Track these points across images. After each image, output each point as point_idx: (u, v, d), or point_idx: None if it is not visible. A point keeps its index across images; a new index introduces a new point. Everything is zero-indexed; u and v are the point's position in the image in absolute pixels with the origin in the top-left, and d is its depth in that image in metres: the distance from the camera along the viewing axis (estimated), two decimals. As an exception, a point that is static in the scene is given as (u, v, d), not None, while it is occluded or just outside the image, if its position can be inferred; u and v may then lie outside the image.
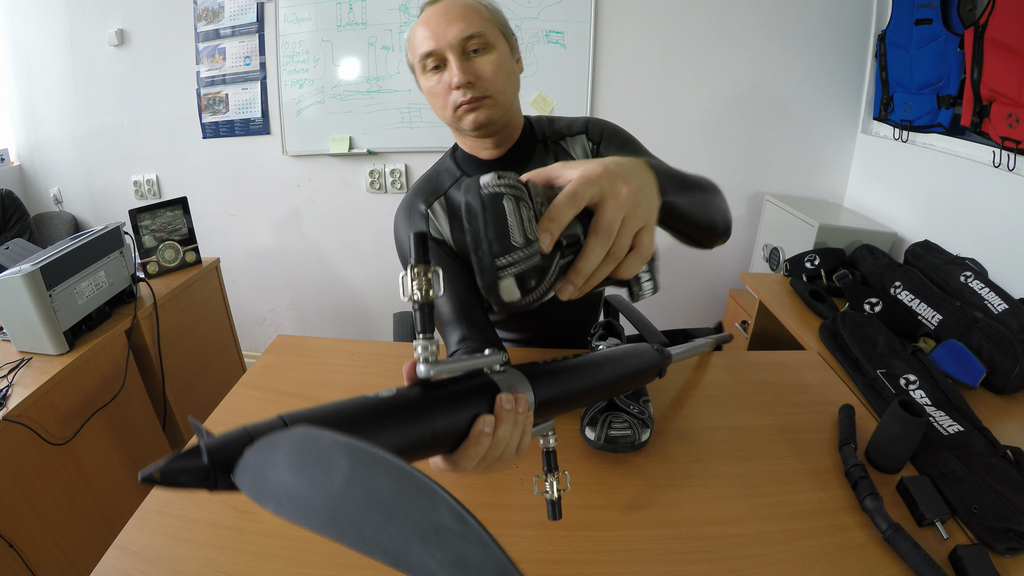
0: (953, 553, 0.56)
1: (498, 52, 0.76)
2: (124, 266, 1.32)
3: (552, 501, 0.50)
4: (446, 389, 0.39)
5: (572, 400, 0.50)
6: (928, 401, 0.88)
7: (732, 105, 2.00)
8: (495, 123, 0.78)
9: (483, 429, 0.38)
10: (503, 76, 0.76)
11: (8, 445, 0.98)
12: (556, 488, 0.50)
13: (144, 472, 0.26)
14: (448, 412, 0.37)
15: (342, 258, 2.38)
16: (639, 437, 0.68)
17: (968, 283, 1.22)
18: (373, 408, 0.34)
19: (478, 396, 0.40)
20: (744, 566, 0.55)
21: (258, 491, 0.25)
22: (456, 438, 0.38)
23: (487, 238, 0.37)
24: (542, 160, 0.87)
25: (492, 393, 0.40)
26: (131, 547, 0.58)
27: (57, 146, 2.39)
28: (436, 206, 0.86)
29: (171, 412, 1.47)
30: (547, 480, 0.50)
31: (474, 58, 0.74)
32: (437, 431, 0.36)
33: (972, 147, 1.47)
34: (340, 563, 0.55)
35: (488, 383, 0.41)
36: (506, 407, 0.39)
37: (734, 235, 0.71)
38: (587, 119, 0.90)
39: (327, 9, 2.00)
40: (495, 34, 0.76)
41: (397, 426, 0.34)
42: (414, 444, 0.35)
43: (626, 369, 0.57)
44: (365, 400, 0.34)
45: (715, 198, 0.68)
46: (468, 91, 0.74)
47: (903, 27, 1.65)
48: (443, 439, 0.37)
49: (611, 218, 0.41)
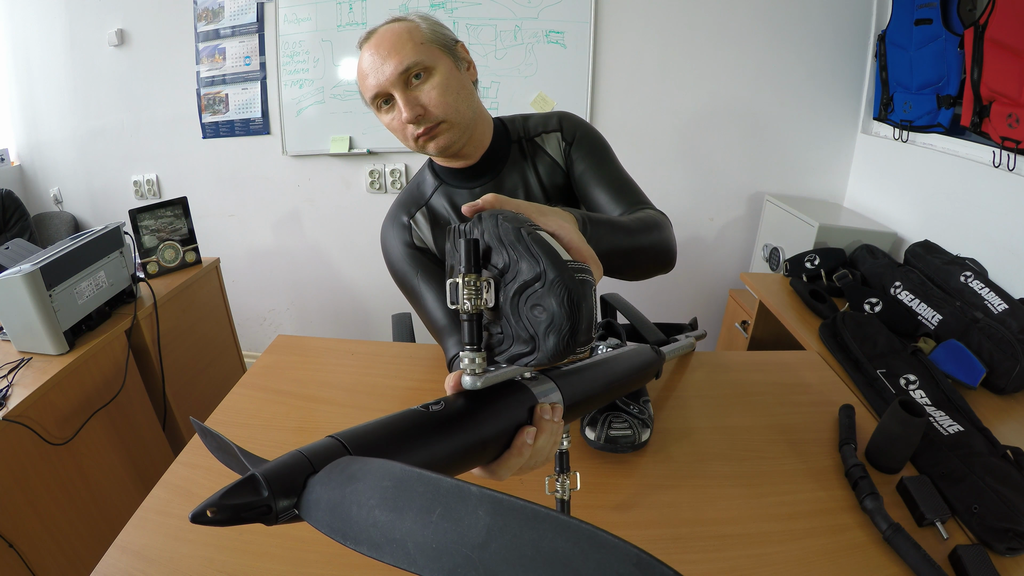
0: (953, 553, 0.56)
1: (440, 74, 0.75)
2: (124, 266, 1.31)
3: (562, 500, 0.51)
4: (489, 400, 0.39)
5: (592, 402, 0.50)
6: (928, 401, 0.88)
7: (732, 105, 2.00)
8: (457, 143, 0.79)
9: (526, 440, 0.39)
10: (451, 96, 0.75)
11: (8, 445, 0.98)
12: (567, 488, 0.51)
13: (195, 511, 0.23)
14: (494, 423, 0.38)
15: (342, 258, 2.38)
16: (639, 437, 0.68)
17: (968, 283, 1.22)
18: (426, 422, 0.34)
19: (518, 406, 0.40)
20: (744, 566, 0.55)
21: (343, 531, 0.23)
22: (500, 448, 0.39)
23: (582, 329, 0.37)
24: (517, 161, 0.88)
25: (530, 402, 0.41)
26: (131, 547, 0.58)
27: (57, 146, 2.39)
28: (418, 216, 0.88)
29: (171, 412, 1.47)
30: (558, 480, 0.51)
31: (417, 86, 0.74)
32: (486, 442, 0.37)
33: (972, 147, 1.47)
34: (340, 563, 0.55)
35: (526, 392, 0.41)
36: (545, 417, 0.41)
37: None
38: (560, 116, 0.90)
39: (327, 9, 2.00)
40: (433, 55, 0.75)
41: (450, 439, 0.34)
42: (466, 456, 0.36)
43: (634, 370, 0.58)
44: (416, 414, 0.35)
45: (653, 243, 0.71)
46: (421, 123, 0.75)
47: (903, 27, 1.65)
48: (490, 450, 0.38)
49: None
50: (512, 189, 0.88)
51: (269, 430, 0.75)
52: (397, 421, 0.33)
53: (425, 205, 0.89)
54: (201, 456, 0.71)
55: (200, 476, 0.67)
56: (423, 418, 0.34)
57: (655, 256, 0.72)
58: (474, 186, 0.87)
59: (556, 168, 0.89)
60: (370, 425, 0.32)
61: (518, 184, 0.88)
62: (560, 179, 0.90)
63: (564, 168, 0.90)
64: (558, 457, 0.51)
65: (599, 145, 0.90)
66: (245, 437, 0.74)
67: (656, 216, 0.77)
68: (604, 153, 0.89)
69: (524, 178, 0.89)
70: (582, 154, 0.88)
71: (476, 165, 0.86)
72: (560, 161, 0.89)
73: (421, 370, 0.90)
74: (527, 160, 0.89)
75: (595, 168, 0.86)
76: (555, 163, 0.89)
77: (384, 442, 0.31)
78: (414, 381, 0.88)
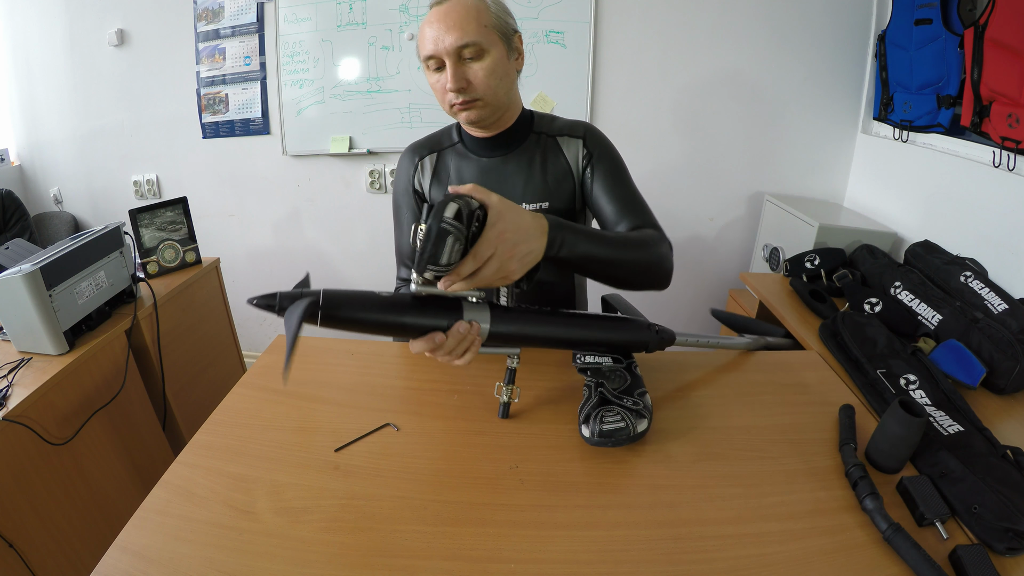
0: (953, 553, 0.56)
1: (491, 58, 0.83)
2: (124, 266, 1.31)
3: (504, 403, 0.76)
4: (428, 304, 0.62)
5: (529, 339, 0.71)
6: (928, 401, 0.88)
7: (732, 105, 2.00)
8: (485, 120, 0.90)
9: (434, 337, 0.62)
10: (495, 80, 0.85)
11: (8, 445, 0.98)
12: (509, 395, 0.75)
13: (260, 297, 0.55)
14: (417, 315, 0.62)
15: (342, 258, 2.38)
16: (635, 428, 0.68)
17: (968, 283, 1.22)
18: (376, 302, 0.60)
19: (445, 313, 0.62)
20: (744, 566, 0.55)
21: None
22: (419, 334, 0.62)
23: (430, 251, 0.56)
24: (531, 148, 0.97)
25: (456, 317, 0.63)
26: (131, 547, 0.58)
27: (57, 146, 2.39)
28: (426, 161, 1.01)
29: (171, 412, 1.47)
30: (504, 388, 0.76)
31: (469, 63, 0.83)
32: (405, 325, 0.62)
33: (972, 147, 1.47)
34: (340, 563, 0.55)
35: (457, 311, 0.63)
36: (460, 331, 0.62)
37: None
38: (587, 128, 0.98)
39: (327, 9, 2.00)
40: (491, 39, 0.83)
41: (383, 313, 0.60)
42: (389, 326, 0.61)
43: (596, 329, 0.75)
44: (371, 295, 0.60)
45: (640, 258, 0.80)
46: (461, 95, 0.84)
47: (903, 27, 1.65)
48: (410, 331, 0.62)
49: (485, 265, 0.62)
50: (514, 171, 0.96)
51: (269, 430, 0.75)
52: (359, 295, 0.60)
53: (438, 153, 1.00)
54: (201, 456, 0.71)
55: (200, 476, 0.67)
56: (375, 298, 0.60)
57: (639, 272, 0.80)
58: (483, 158, 0.97)
59: (567, 173, 0.96)
60: (343, 292, 0.59)
61: (522, 168, 0.96)
62: (569, 185, 0.96)
63: (577, 177, 0.96)
64: (508, 372, 0.75)
65: (617, 165, 0.96)
66: (245, 437, 0.74)
67: (651, 236, 0.83)
68: (620, 174, 0.96)
69: (530, 165, 0.96)
70: (601, 171, 0.95)
71: (492, 139, 0.95)
72: (575, 169, 0.96)
73: (421, 370, 0.90)
74: (539, 152, 0.97)
75: (610, 185, 0.94)
76: (568, 168, 0.96)
77: (345, 299, 0.59)
78: (414, 381, 0.88)
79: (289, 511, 0.62)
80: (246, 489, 0.65)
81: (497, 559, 0.56)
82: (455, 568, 0.55)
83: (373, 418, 0.77)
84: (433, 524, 0.60)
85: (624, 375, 0.76)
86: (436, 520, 0.60)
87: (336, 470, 0.68)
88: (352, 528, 0.60)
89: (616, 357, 0.78)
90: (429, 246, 0.56)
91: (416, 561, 0.56)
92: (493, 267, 0.62)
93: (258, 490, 0.65)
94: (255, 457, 0.70)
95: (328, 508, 0.62)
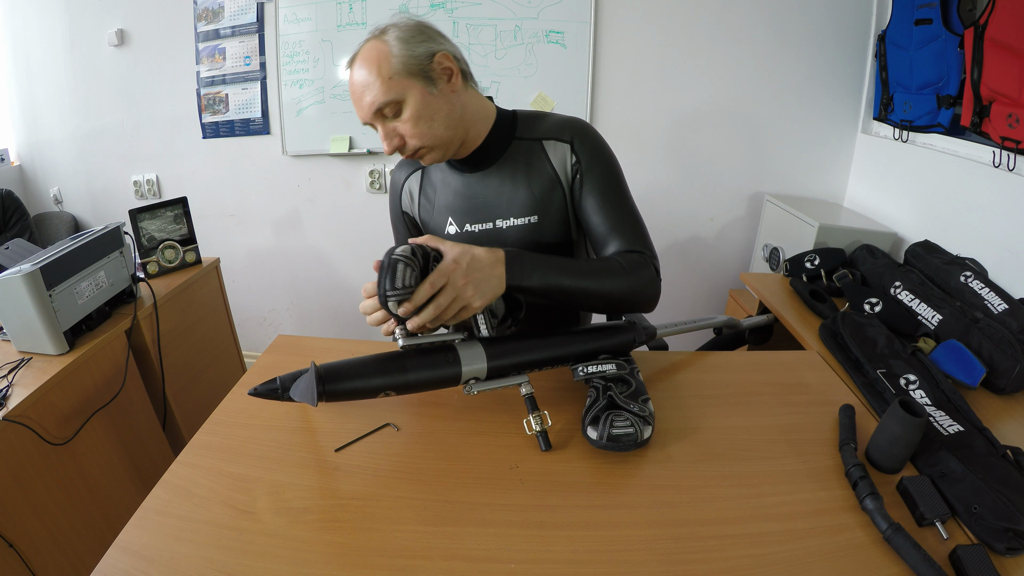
0: (953, 553, 0.56)
1: (410, 107, 0.78)
2: (124, 266, 1.31)
3: (540, 432, 0.71)
4: (424, 361, 0.70)
5: (525, 367, 0.74)
6: (928, 401, 0.88)
7: (732, 105, 2.00)
8: (444, 156, 0.86)
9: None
10: (424, 126, 0.79)
11: (8, 445, 0.98)
12: (540, 423, 0.71)
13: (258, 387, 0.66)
14: (418, 373, 0.69)
15: (342, 258, 2.38)
16: (641, 435, 0.68)
17: (968, 283, 1.22)
18: (372, 362, 0.70)
19: (444, 360, 0.69)
20: (744, 566, 0.55)
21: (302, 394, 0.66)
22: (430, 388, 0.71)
23: (386, 280, 0.64)
24: (514, 157, 0.90)
25: (454, 356, 0.69)
26: (131, 547, 0.58)
27: (57, 146, 2.39)
28: (412, 180, 1.00)
29: (171, 412, 1.47)
30: (532, 418, 0.71)
31: (393, 120, 0.80)
32: (409, 382, 0.69)
33: (972, 147, 1.47)
34: (340, 563, 0.55)
35: (450, 348, 0.71)
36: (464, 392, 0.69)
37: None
38: (576, 130, 0.89)
39: (327, 9, 2.00)
40: (401, 87, 0.77)
41: (385, 375, 0.68)
42: (397, 385, 0.69)
43: (582, 342, 0.78)
44: (366, 358, 0.70)
45: (617, 287, 0.80)
46: (402, 151, 0.83)
47: (903, 27, 1.65)
48: (414, 386, 0.70)
49: (442, 293, 0.67)
50: (497, 184, 0.91)
51: (269, 430, 0.75)
52: (355, 363, 0.69)
53: (423, 170, 0.98)
54: (201, 456, 0.71)
55: (200, 476, 0.67)
56: (369, 360, 0.69)
57: (617, 300, 0.80)
58: (466, 173, 0.93)
59: (555, 182, 0.89)
60: (341, 362, 0.69)
61: (505, 181, 0.90)
62: (559, 195, 0.90)
63: (566, 186, 0.89)
64: (528, 400, 0.72)
65: (609, 174, 0.88)
66: (245, 437, 0.74)
67: (632, 262, 0.81)
68: (612, 184, 0.88)
69: (513, 176, 0.90)
70: (591, 182, 0.88)
71: (469, 158, 0.91)
72: (562, 177, 0.89)
73: (421, 370, 0.90)
74: (523, 160, 0.90)
75: (600, 201, 0.87)
76: (555, 176, 0.89)
77: (345, 372, 0.68)
78: (414, 381, 0.88)
79: (289, 511, 0.62)
80: (246, 489, 0.65)
81: (497, 559, 0.56)
82: (455, 568, 0.55)
83: (373, 418, 0.77)
84: (433, 524, 0.60)
85: (629, 380, 0.75)
86: (436, 520, 0.60)
87: (336, 470, 0.68)
88: (352, 528, 0.60)
89: (619, 363, 0.77)
90: (384, 276, 0.64)
91: (416, 561, 0.56)
92: (449, 294, 0.66)
93: (258, 490, 0.65)
94: (255, 457, 0.70)
95: (328, 508, 0.62)
